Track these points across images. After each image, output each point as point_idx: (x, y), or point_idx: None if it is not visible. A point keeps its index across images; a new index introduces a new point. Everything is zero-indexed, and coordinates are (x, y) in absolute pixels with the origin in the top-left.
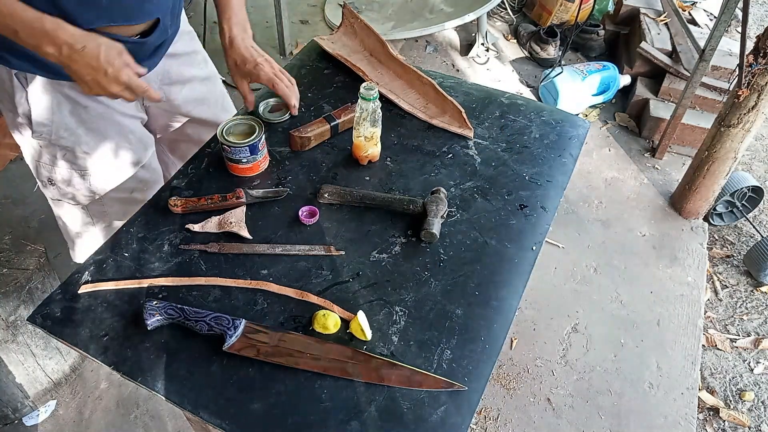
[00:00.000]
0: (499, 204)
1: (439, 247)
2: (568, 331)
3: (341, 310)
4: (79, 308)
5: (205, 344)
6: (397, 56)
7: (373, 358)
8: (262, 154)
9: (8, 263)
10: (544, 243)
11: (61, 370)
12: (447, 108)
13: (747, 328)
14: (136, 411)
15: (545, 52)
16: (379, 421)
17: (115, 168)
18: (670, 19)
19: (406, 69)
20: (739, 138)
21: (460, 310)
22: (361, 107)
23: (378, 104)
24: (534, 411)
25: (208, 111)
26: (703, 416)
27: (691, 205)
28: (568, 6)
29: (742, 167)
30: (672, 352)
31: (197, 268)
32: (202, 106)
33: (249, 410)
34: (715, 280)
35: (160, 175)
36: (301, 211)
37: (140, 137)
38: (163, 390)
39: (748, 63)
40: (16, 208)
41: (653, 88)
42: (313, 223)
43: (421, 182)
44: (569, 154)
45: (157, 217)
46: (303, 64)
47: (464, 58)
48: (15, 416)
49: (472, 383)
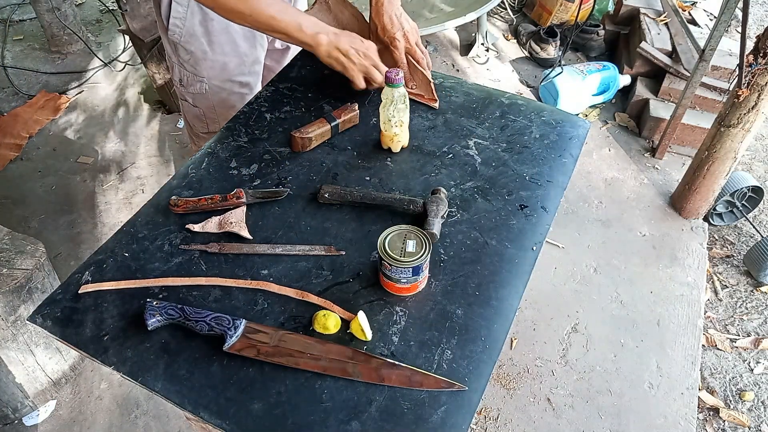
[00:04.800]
0: (499, 204)
1: (439, 247)
2: (568, 331)
3: (341, 310)
4: (80, 308)
5: (205, 344)
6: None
7: (374, 358)
8: (423, 275)
9: (8, 263)
10: (544, 243)
11: (61, 370)
12: (416, 77)
13: (747, 328)
14: (136, 411)
15: (545, 52)
16: (379, 421)
17: (223, 80)
18: (670, 19)
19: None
20: (739, 138)
21: (460, 310)
22: (386, 94)
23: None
24: (534, 411)
25: None
26: (703, 416)
27: (691, 205)
28: (568, 6)
29: (742, 167)
30: (672, 352)
31: (197, 268)
32: None
33: (249, 410)
34: (715, 280)
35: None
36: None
37: (255, 60)
38: (163, 390)
39: (748, 63)
40: (16, 208)
41: (653, 88)
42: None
43: (422, 182)
44: (569, 154)
45: (157, 217)
46: (303, 64)
47: (464, 58)
48: (15, 416)
49: (472, 383)
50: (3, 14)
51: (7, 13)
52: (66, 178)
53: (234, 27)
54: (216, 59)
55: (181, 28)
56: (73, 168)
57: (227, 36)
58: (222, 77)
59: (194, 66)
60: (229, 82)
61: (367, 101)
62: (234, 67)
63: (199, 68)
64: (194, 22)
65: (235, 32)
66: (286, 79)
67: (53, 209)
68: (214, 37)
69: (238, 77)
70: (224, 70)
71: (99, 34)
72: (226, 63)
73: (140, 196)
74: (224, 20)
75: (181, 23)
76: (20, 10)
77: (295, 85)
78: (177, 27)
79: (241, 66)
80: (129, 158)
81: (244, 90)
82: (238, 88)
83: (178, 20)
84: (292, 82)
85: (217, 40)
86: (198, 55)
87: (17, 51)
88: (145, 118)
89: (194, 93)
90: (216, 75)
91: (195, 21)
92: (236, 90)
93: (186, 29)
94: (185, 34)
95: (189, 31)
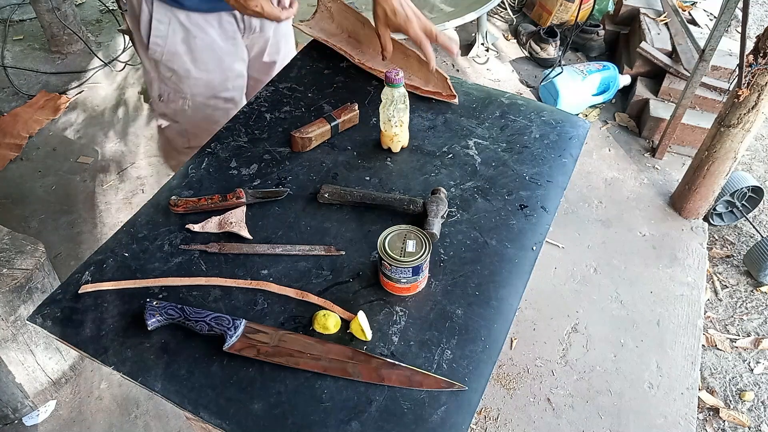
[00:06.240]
0: (499, 204)
1: (439, 247)
2: (568, 331)
3: (341, 310)
4: (80, 308)
5: (205, 344)
6: None
7: (373, 358)
8: (423, 275)
9: (8, 263)
10: (544, 243)
11: (61, 370)
12: (431, 77)
13: (747, 328)
14: (136, 411)
15: (545, 52)
16: (379, 421)
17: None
18: (670, 19)
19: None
20: (739, 138)
21: (460, 310)
22: (385, 94)
23: (404, 90)
24: (534, 411)
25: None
26: (703, 416)
27: (691, 205)
28: (568, 6)
29: (742, 167)
30: (672, 352)
31: (197, 268)
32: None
33: (249, 410)
34: (715, 280)
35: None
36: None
37: (238, 74)
38: (163, 390)
39: (748, 63)
40: (16, 208)
41: (653, 88)
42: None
43: (421, 182)
44: (569, 154)
45: (157, 217)
46: (303, 64)
47: (464, 58)
48: (15, 416)
49: (472, 383)
50: (3, 14)
51: (7, 13)
52: (66, 178)
53: (218, 43)
54: (200, 77)
55: (162, 46)
56: (73, 168)
57: (211, 53)
58: (206, 94)
59: (177, 83)
60: (213, 98)
61: (367, 101)
62: (218, 83)
63: (182, 86)
64: (176, 41)
65: (219, 48)
66: (286, 79)
67: (53, 209)
68: (197, 54)
69: (223, 93)
70: (208, 87)
71: (99, 34)
72: (210, 80)
73: (140, 196)
74: (207, 37)
75: (162, 42)
76: (20, 10)
77: (295, 85)
78: (158, 46)
79: (225, 82)
80: (129, 158)
81: (228, 105)
82: (222, 104)
83: (159, 39)
84: (292, 82)
85: (200, 57)
86: (181, 73)
87: (17, 51)
88: (145, 118)
89: (175, 109)
90: (200, 92)
91: (177, 39)
92: (221, 106)
93: (167, 48)
94: (167, 53)
95: (171, 50)
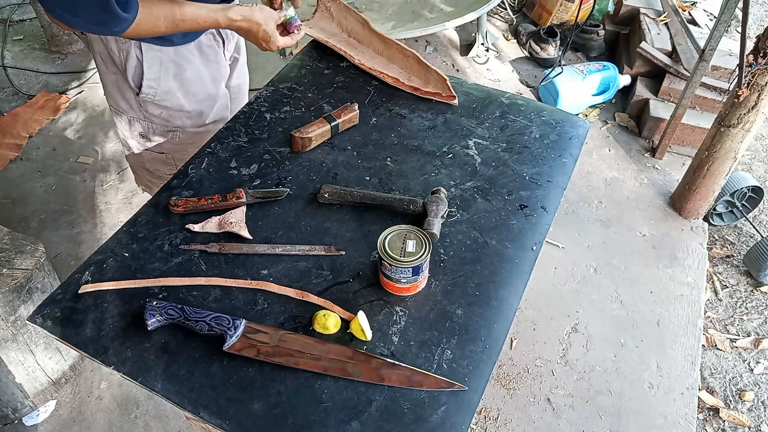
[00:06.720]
0: (499, 204)
1: (439, 247)
2: (568, 331)
3: (341, 310)
4: (80, 308)
5: (205, 344)
6: (380, 32)
7: (373, 358)
8: (423, 275)
9: (8, 263)
10: (544, 243)
11: (61, 370)
12: (430, 78)
13: (747, 328)
14: (136, 411)
15: (545, 52)
16: (379, 421)
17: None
18: (670, 19)
19: (387, 44)
20: (739, 138)
21: (460, 310)
22: None
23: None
24: (534, 411)
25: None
26: (703, 416)
27: (691, 205)
28: (568, 6)
29: (742, 167)
30: (672, 352)
31: (197, 268)
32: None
33: (249, 410)
34: (715, 280)
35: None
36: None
37: (224, 94)
38: (163, 390)
39: (748, 63)
40: (16, 208)
41: (653, 88)
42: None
43: (422, 182)
44: (569, 154)
45: (157, 217)
46: (303, 64)
47: (464, 58)
48: (15, 416)
49: (472, 383)
50: (3, 14)
51: (7, 13)
52: (66, 178)
53: (203, 71)
54: (192, 108)
55: (155, 88)
56: (73, 168)
57: (200, 83)
58: (198, 123)
59: (167, 119)
60: (203, 126)
61: (367, 101)
62: (209, 111)
63: (173, 120)
64: (169, 79)
65: (205, 76)
66: (286, 79)
67: (53, 209)
68: (189, 87)
69: (213, 118)
70: (200, 116)
71: None
72: (202, 111)
73: (140, 196)
74: (194, 67)
75: (155, 83)
76: (20, 10)
77: (295, 85)
78: (152, 88)
79: (213, 107)
80: None
81: (218, 126)
82: (213, 126)
83: (153, 81)
84: (292, 82)
85: (192, 90)
86: (173, 108)
87: (17, 51)
88: None
89: (161, 142)
90: (192, 123)
91: (170, 77)
92: (211, 129)
93: (161, 88)
94: (160, 92)
95: (164, 89)
